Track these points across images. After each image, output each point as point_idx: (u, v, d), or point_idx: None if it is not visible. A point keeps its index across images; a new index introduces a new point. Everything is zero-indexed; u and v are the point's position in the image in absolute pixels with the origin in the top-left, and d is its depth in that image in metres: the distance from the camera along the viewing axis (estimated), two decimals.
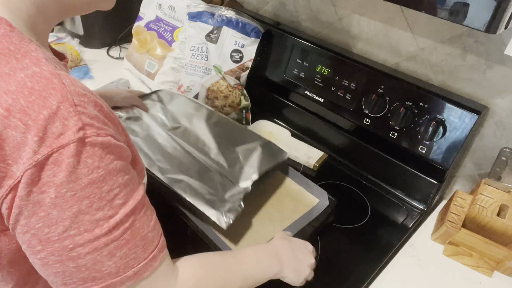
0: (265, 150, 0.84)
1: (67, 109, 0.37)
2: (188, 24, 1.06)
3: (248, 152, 0.83)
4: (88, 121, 0.38)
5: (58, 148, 0.36)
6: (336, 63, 0.94)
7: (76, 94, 0.38)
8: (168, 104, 0.96)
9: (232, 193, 0.72)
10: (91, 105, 0.39)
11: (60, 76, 0.38)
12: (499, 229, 0.72)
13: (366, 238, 0.80)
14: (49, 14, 0.45)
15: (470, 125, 0.78)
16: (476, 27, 0.48)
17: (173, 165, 0.77)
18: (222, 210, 0.67)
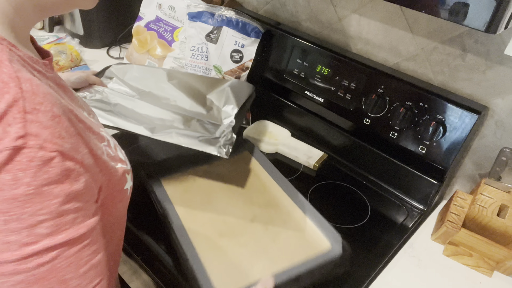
0: (235, 88, 0.91)
1: (14, 115, 0.34)
2: (188, 24, 1.06)
3: (219, 94, 0.88)
4: (34, 131, 0.34)
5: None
6: (336, 63, 0.94)
7: (32, 101, 0.35)
8: (124, 76, 0.94)
9: (221, 130, 0.78)
10: (47, 115, 0.36)
11: (20, 80, 0.35)
12: (499, 229, 0.72)
13: (366, 238, 0.80)
14: (26, 13, 0.42)
15: (470, 125, 0.78)
16: (476, 27, 0.48)
17: (157, 124, 0.79)
18: (219, 144, 0.73)
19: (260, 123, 1.08)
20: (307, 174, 0.95)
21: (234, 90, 0.90)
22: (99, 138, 0.47)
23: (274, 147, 1.00)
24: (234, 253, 0.66)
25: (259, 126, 1.07)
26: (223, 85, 0.91)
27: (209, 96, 0.89)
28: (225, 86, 0.91)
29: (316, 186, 0.91)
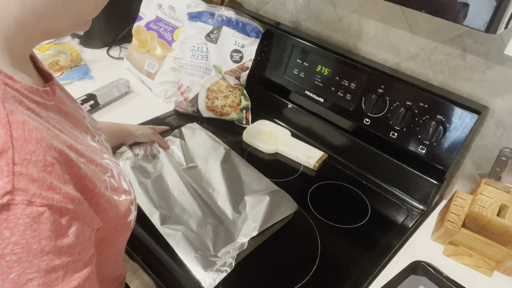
0: (274, 200, 0.80)
1: (1, 167, 0.32)
2: (188, 24, 1.06)
3: (256, 200, 0.80)
4: (22, 184, 0.32)
5: None
6: (336, 63, 0.94)
7: (22, 150, 0.33)
8: (189, 140, 0.96)
9: (227, 250, 0.70)
10: (39, 165, 0.34)
11: (11, 127, 0.33)
12: (499, 229, 0.72)
13: (366, 238, 0.80)
14: (32, 35, 0.41)
15: (470, 125, 0.78)
16: (476, 27, 0.48)
17: (174, 213, 0.76)
18: (210, 270, 0.65)
19: (260, 123, 1.08)
20: (307, 174, 0.95)
21: (272, 203, 0.79)
22: (102, 170, 0.46)
23: (274, 147, 1.00)
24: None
25: (259, 126, 1.07)
26: (266, 190, 0.83)
27: (247, 198, 0.81)
28: (267, 193, 0.81)
29: (316, 186, 0.91)
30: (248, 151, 1.00)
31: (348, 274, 0.71)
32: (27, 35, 0.40)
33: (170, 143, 0.94)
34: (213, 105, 1.07)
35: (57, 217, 0.34)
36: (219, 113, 1.08)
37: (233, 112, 1.08)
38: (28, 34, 0.41)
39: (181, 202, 0.79)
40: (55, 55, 1.19)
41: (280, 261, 0.72)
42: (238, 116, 1.08)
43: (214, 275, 0.65)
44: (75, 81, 1.17)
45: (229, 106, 1.07)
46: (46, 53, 1.19)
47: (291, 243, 0.76)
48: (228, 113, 1.08)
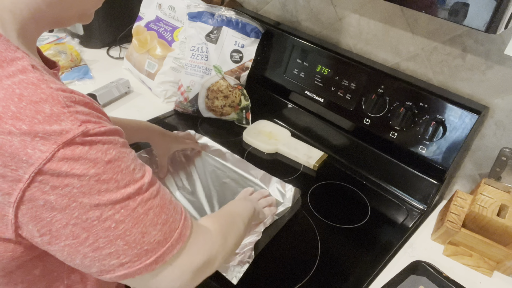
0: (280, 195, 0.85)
1: (61, 111, 0.37)
2: (188, 24, 1.06)
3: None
4: (84, 118, 0.38)
5: (63, 143, 0.36)
6: (336, 63, 0.94)
7: (66, 96, 0.38)
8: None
9: (244, 244, 0.71)
10: (82, 103, 0.40)
11: (48, 82, 0.38)
12: (499, 229, 0.72)
13: (366, 238, 0.80)
14: (42, 22, 0.45)
15: (470, 125, 0.78)
16: (476, 27, 0.48)
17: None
18: (233, 264, 0.67)
19: (260, 123, 1.08)
20: (307, 174, 0.95)
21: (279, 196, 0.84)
22: None
23: (274, 147, 1.00)
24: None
25: (259, 126, 1.07)
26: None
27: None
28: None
29: (316, 186, 0.91)
30: (248, 151, 1.00)
31: (348, 274, 0.71)
32: (38, 21, 0.44)
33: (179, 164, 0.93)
34: (213, 105, 1.07)
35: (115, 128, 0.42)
36: (219, 113, 1.08)
37: (233, 112, 1.08)
38: (39, 21, 0.44)
39: (191, 204, 0.81)
40: (55, 55, 1.19)
41: (280, 261, 0.72)
42: (238, 116, 1.08)
43: (237, 268, 0.66)
44: (75, 81, 1.17)
45: (229, 106, 1.07)
46: (46, 53, 1.19)
47: (291, 243, 0.76)
48: (228, 113, 1.08)
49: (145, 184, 0.43)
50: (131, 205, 0.41)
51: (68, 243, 0.39)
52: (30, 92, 0.36)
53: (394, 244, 0.79)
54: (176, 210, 0.46)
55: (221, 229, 0.53)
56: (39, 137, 0.35)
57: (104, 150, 0.39)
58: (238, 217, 0.61)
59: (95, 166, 0.38)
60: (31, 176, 0.36)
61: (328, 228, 0.80)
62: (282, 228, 0.78)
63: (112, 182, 0.39)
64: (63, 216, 0.38)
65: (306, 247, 0.76)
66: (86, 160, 0.37)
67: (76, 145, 0.37)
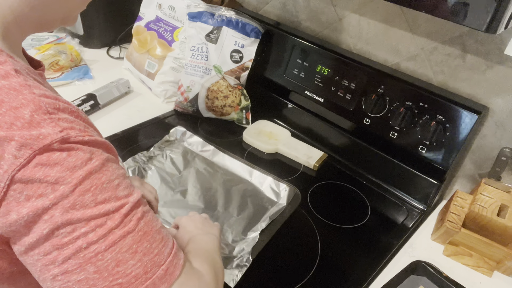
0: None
1: (42, 117, 0.35)
2: (188, 24, 1.06)
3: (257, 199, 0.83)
4: (66, 125, 0.36)
5: (40, 149, 0.34)
6: (336, 63, 0.94)
7: (49, 102, 0.36)
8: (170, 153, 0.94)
9: (240, 248, 0.71)
10: (67, 111, 0.38)
11: (31, 87, 0.37)
12: (499, 229, 0.72)
13: (366, 238, 0.80)
14: (25, 25, 0.44)
15: (470, 125, 0.78)
16: (476, 27, 0.48)
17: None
18: (230, 267, 0.67)
19: (260, 123, 1.08)
20: (307, 174, 0.95)
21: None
22: None
23: (274, 147, 1.00)
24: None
25: (259, 126, 1.07)
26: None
27: (249, 200, 0.82)
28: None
29: (316, 186, 0.91)
30: (248, 151, 1.00)
31: (348, 274, 0.71)
32: (21, 25, 0.43)
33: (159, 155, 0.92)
34: (213, 105, 1.07)
35: (101, 140, 0.40)
36: (219, 113, 1.08)
37: (233, 112, 1.08)
38: (22, 24, 0.43)
39: (185, 211, 0.79)
40: (55, 55, 1.19)
41: (280, 261, 0.72)
42: (238, 116, 1.08)
43: (234, 271, 0.66)
44: (75, 81, 1.17)
45: (229, 106, 1.07)
46: (46, 53, 1.19)
47: (291, 243, 0.76)
48: (228, 113, 1.08)
49: (129, 203, 0.38)
50: (108, 224, 0.36)
51: (39, 258, 0.36)
52: (11, 98, 0.35)
53: (394, 244, 0.79)
54: (164, 242, 0.40)
55: (211, 270, 0.47)
56: (15, 141, 0.33)
57: (85, 159, 0.36)
58: (215, 254, 0.54)
59: (72, 175, 0.35)
60: (6, 184, 0.33)
61: (328, 228, 0.80)
62: (282, 228, 0.78)
63: (88, 195, 0.36)
64: (35, 229, 0.35)
65: (306, 247, 0.76)
66: (63, 167, 0.35)
67: (53, 151, 0.34)
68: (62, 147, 0.35)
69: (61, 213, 0.35)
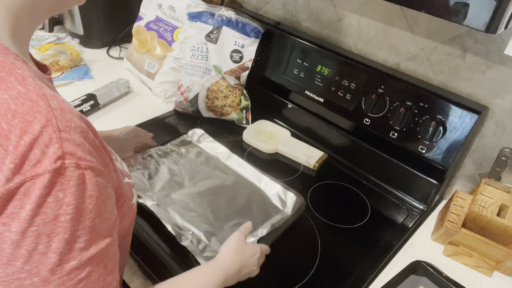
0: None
1: (50, 135, 0.34)
2: (188, 24, 1.06)
3: (263, 204, 0.82)
4: (70, 149, 0.35)
5: (31, 177, 0.33)
6: (336, 63, 0.94)
7: (63, 118, 0.35)
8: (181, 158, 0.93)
9: None
10: (78, 131, 0.36)
11: (47, 98, 0.35)
12: (499, 229, 0.72)
13: (366, 238, 0.80)
14: (23, 27, 0.41)
15: (470, 125, 0.78)
16: (476, 27, 0.48)
17: (183, 230, 0.74)
18: None
19: (260, 123, 1.08)
20: (307, 174, 0.95)
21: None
22: (112, 153, 0.48)
23: (274, 147, 1.00)
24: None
25: (259, 126, 1.07)
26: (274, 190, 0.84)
27: (253, 206, 0.81)
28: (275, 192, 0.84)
29: (316, 186, 0.91)
30: (248, 151, 1.00)
31: (348, 274, 0.72)
32: (20, 26, 0.41)
33: (164, 157, 0.91)
34: (213, 105, 1.07)
35: (98, 179, 0.38)
36: (219, 113, 1.08)
37: (233, 112, 1.08)
38: (20, 25, 0.41)
39: (189, 208, 0.79)
40: (55, 55, 1.19)
41: (280, 261, 0.72)
42: (238, 116, 1.08)
43: None
44: (75, 81, 1.17)
45: (229, 106, 1.07)
46: (46, 53, 1.19)
47: (291, 243, 0.76)
48: (228, 113, 1.08)
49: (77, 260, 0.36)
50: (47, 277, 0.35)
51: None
52: (26, 110, 0.34)
53: (394, 244, 0.79)
54: None
55: None
56: (15, 164, 0.33)
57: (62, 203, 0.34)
58: None
59: (41, 215, 0.34)
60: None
61: (328, 228, 0.80)
62: (282, 228, 0.78)
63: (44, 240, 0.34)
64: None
65: (306, 247, 0.76)
66: (37, 205, 0.34)
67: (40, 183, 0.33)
68: (49, 182, 0.34)
69: (12, 250, 0.34)
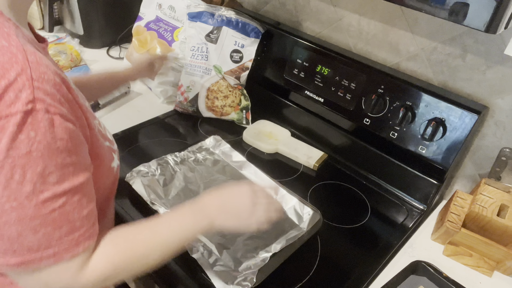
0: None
1: (23, 82, 0.39)
2: (188, 24, 1.06)
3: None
4: (41, 96, 0.40)
5: (6, 115, 0.38)
6: (336, 63, 0.94)
7: (37, 70, 0.40)
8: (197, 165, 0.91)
9: (248, 265, 0.67)
10: (50, 83, 0.41)
11: (26, 53, 0.41)
12: (499, 229, 0.72)
13: (366, 238, 0.80)
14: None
15: (470, 125, 0.78)
16: (476, 27, 0.48)
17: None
18: (230, 283, 0.63)
19: (260, 123, 1.08)
20: (307, 174, 0.95)
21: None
22: (91, 115, 0.53)
23: (274, 147, 1.00)
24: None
25: (259, 126, 1.07)
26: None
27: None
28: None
29: (316, 186, 0.91)
30: (248, 151, 1.00)
31: (348, 274, 0.71)
32: None
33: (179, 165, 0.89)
34: (213, 105, 1.07)
35: (67, 124, 0.43)
36: (219, 113, 1.08)
37: (233, 112, 1.08)
38: None
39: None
40: (55, 55, 1.19)
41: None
42: (238, 116, 1.08)
43: (237, 285, 0.63)
44: None
45: (229, 106, 1.07)
46: None
47: None
48: (228, 113, 1.08)
49: (50, 191, 0.42)
50: (24, 203, 0.41)
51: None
52: (6, 59, 0.40)
53: (394, 244, 0.79)
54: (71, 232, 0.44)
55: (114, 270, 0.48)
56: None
57: (33, 141, 0.40)
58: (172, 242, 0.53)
59: (15, 149, 0.39)
60: None
61: (328, 228, 0.80)
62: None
63: (19, 172, 0.40)
64: None
65: (306, 247, 0.75)
66: (11, 140, 0.39)
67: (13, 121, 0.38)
68: (21, 121, 0.39)
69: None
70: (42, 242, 0.43)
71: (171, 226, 0.54)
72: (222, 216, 0.57)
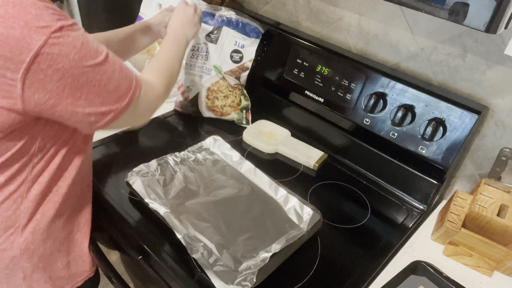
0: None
1: (42, 12, 0.50)
2: None
3: (279, 221, 0.78)
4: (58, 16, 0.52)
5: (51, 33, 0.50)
6: (336, 63, 0.94)
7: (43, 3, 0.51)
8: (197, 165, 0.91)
9: (248, 265, 0.67)
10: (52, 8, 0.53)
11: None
12: (499, 229, 0.72)
13: (366, 238, 0.80)
14: None
15: (470, 125, 0.78)
16: (476, 27, 0.48)
17: (194, 241, 0.71)
18: (230, 283, 0.63)
19: (260, 123, 1.08)
20: (307, 174, 0.95)
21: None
22: None
23: (274, 147, 1.00)
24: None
25: (259, 126, 1.07)
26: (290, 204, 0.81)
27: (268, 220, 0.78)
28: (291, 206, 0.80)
29: (316, 186, 0.91)
30: (248, 151, 1.00)
31: (348, 274, 0.72)
32: None
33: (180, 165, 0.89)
34: (213, 105, 1.07)
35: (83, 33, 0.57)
36: (219, 113, 1.08)
37: (233, 112, 1.08)
38: None
39: (208, 214, 0.77)
40: None
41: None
42: (238, 116, 1.08)
43: (238, 285, 0.63)
44: None
45: (229, 106, 1.07)
46: None
47: None
48: (228, 113, 1.08)
49: (105, 52, 0.57)
50: (103, 67, 0.56)
51: (69, 101, 0.54)
52: (19, 0, 0.49)
53: (394, 244, 0.79)
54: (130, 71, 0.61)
55: (164, 81, 0.72)
56: (33, 31, 0.49)
57: (77, 36, 0.53)
58: (175, 60, 0.80)
59: (75, 47, 0.52)
60: (31, 58, 0.49)
61: (328, 228, 0.81)
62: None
63: (88, 55, 0.54)
64: (60, 83, 0.52)
65: (306, 247, 0.76)
66: (68, 44, 0.52)
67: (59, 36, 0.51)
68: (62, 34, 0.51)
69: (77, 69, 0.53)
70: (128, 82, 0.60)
71: (171, 51, 0.81)
72: (187, 30, 0.87)
